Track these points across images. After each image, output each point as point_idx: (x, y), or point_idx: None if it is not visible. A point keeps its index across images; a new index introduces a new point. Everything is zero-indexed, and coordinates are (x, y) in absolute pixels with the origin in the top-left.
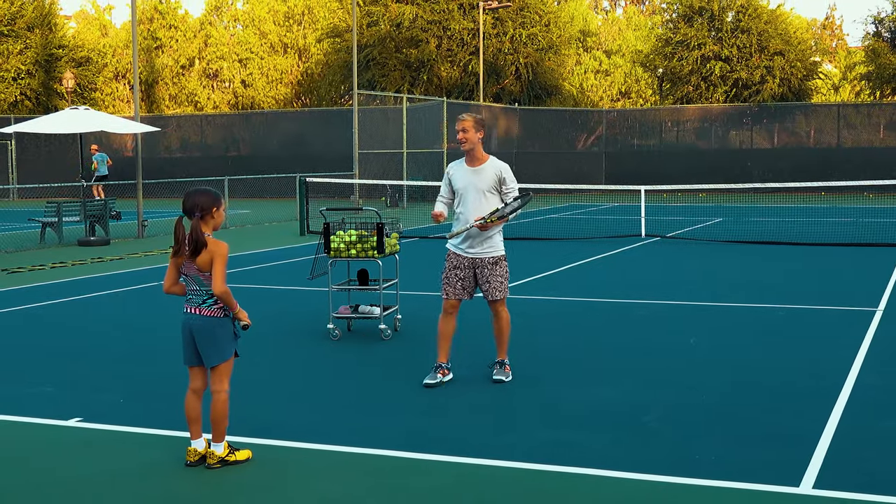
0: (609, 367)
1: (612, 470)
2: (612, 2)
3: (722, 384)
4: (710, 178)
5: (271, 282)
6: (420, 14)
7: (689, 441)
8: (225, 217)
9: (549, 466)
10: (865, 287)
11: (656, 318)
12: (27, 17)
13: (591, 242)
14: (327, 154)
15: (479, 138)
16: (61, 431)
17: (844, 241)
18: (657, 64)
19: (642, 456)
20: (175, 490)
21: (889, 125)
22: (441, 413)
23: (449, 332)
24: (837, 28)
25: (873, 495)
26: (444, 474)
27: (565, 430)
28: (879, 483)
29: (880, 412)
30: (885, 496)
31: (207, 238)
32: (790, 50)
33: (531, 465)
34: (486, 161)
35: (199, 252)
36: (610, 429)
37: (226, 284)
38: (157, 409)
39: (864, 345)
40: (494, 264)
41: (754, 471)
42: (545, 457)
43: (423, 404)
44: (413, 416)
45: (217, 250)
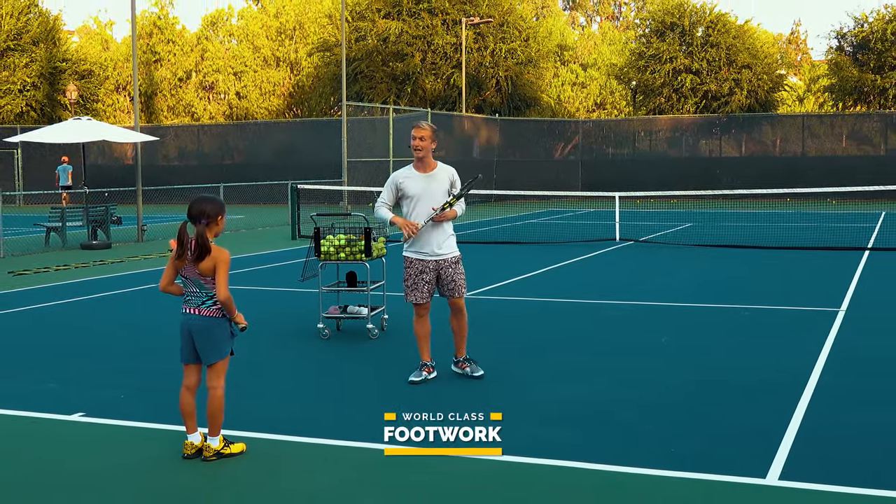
0: (585, 365)
1: (591, 462)
2: (588, 17)
3: (691, 381)
4: (681, 185)
5: (264, 283)
6: (405, 29)
7: (661, 435)
8: (224, 224)
9: (531, 459)
10: (828, 289)
11: (629, 318)
12: (32, 32)
13: (568, 246)
14: (317, 162)
15: (431, 147)
16: (65, 426)
17: (808, 245)
18: (631, 76)
19: (618, 450)
20: (172, 482)
21: (851, 135)
22: (428, 409)
23: (426, 332)
24: (802, 42)
25: (836, 486)
26: (430, 467)
27: (544, 426)
28: (841, 475)
29: (842, 408)
30: (847, 487)
31: (211, 245)
32: (757, 63)
33: (514, 458)
34: (436, 167)
35: (203, 258)
36: (586, 424)
37: (229, 291)
38: (156, 404)
39: (827, 344)
40: (456, 264)
41: (723, 463)
42: (526, 451)
43: (409, 400)
44: (400, 410)
45: (220, 257)
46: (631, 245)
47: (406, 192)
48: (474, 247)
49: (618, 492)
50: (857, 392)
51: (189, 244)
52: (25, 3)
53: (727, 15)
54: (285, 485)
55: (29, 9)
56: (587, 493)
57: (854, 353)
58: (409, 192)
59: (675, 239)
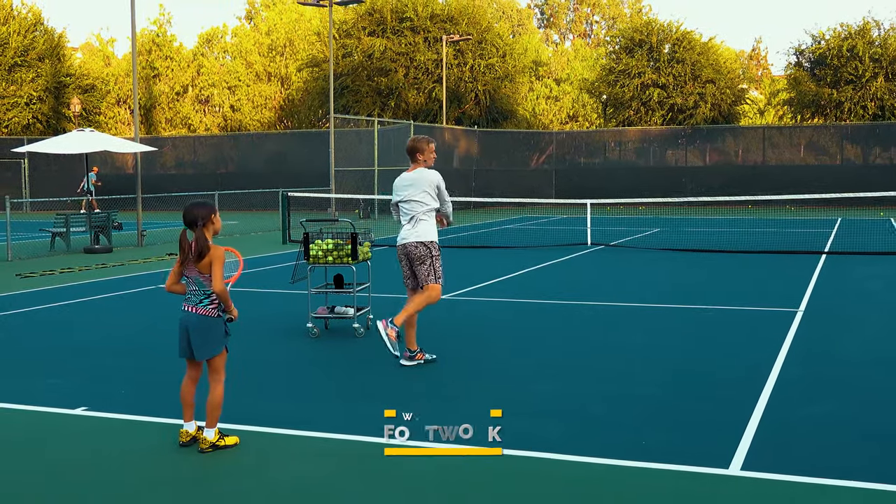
0: (557, 363)
1: (568, 454)
2: (562, 35)
3: (658, 377)
4: (649, 193)
5: (257, 285)
6: (389, 46)
7: (632, 428)
8: (221, 222)
9: (511, 451)
10: (787, 290)
11: (600, 318)
12: (39, 49)
13: (543, 250)
14: (306, 171)
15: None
16: (69, 419)
17: (769, 248)
18: (601, 90)
19: (592, 442)
20: (169, 469)
21: (808, 145)
22: (412, 403)
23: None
24: (763, 59)
25: (795, 476)
26: (415, 458)
27: (522, 420)
28: (800, 465)
29: (801, 402)
30: (805, 477)
31: (209, 244)
32: (720, 78)
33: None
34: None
35: (203, 257)
36: (561, 418)
37: (223, 283)
38: (154, 399)
39: (787, 342)
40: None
41: (689, 454)
42: (507, 443)
43: (395, 395)
44: (385, 405)
45: (215, 253)
46: (602, 249)
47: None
48: (454, 251)
49: (590, 483)
50: (814, 386)
51: (189, 248)
52: (32, 22)
53: (692, 33)
54: (275, 475)
55: (35, 27)
56: (562, 483)
57: (812, 349)
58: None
59: (644, 243)
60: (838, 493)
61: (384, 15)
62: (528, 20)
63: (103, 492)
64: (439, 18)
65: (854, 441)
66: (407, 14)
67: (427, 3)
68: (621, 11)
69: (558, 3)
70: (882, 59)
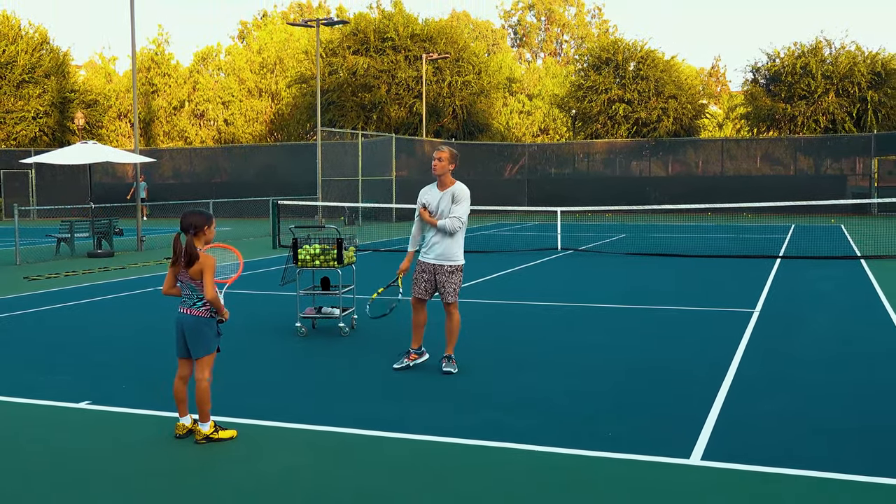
0: (530, 359)
1: (539, 445)
2: (534, 53)
3: (623, 373)
4: (616, 201)
5: (248, 287)
6: (372, 64)
7: (597, 420)
8: (215, 233)
9: (487, 442)
10: (744, 292)
11: (569, 318)
12: (45, 67)
13: (516, 255)
14: (295, 181)
15: (449, 169)
16: (73, 413)
17: (727, 253)
18: (571, 105)
19: (560, 433)
20: (167, 459)
21: (764, 157)
22: (394, 398)
23: (417, 323)
24: (721, 75)
25: (752, 465)
26: (398, 449)
27: (497, 412)
28: (756, 456)
29: (758, 396)
30: (762, 466)
31: (200, 252)
32: (682, 94)
33: (471, 441)
34: (451, 185)
35: (192, 264)
36: (533, 411)
37: (215, 290)
38: (153, 393)
39: (744, 340)
40: (450, 273)
41: (651, 445)
42: (483, 434)
43: (378, 390)
44: (370, 400)
45: (206, 262)
46: (571, 253)
47: (428, 207)
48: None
49: (556, 471)
50: (770, 382)
51: (181, 252)
52: (39, 41)
53: (656, 51)
54: (265, 465)
55: (42, 46)
56: (529, 472)
57: (767, 347)
58: (429, 206)
59: (610, 248)
60: (791, 481)
61: (368, 35)
62: (502, 40)
63: (105, 478)
64: (419, 38)
65: (805, 434)
66: (389, 34)
67: (407, 23)
68: (589, 31)
69: (530, 23)
70: (833, 76)
